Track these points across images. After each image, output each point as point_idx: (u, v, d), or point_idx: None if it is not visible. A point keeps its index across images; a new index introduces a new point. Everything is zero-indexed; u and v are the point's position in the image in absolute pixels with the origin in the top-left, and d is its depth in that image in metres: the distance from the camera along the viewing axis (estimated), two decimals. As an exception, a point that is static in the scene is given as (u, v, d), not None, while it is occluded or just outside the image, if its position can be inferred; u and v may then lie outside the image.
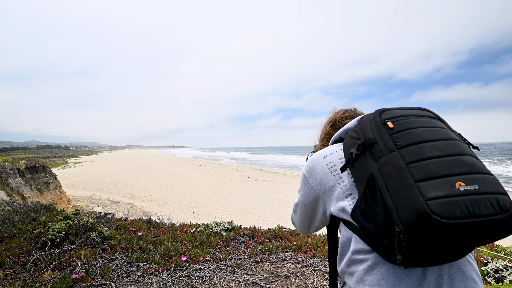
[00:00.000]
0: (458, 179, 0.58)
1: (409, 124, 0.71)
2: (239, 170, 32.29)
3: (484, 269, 2.36)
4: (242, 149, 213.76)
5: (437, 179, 0.58)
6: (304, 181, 0.93)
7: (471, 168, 0.62)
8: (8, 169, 14.10)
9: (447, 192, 0.56)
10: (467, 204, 0.55)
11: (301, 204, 0.95)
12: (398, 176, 0.62)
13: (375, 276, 0.70)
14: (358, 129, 0.80)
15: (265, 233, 3.90)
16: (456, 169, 0.60)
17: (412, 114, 0.75)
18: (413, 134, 0.68)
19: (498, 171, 27.12)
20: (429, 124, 0.72)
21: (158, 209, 13.32)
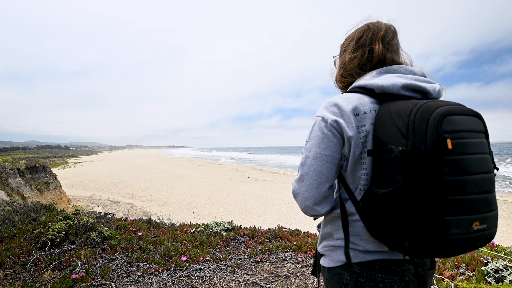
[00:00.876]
0: (477, 219, 0.67)
1: (465, 148, 0.67)
2: (239, 170, 32.30)
3: (484, 269, 2.36)
4: (242, 149, 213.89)
5: (463, 216, 0.66)
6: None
7: (490, 207, 0.70)
8: (8, 169, 14.10)
9: (464, 231, 0.66)
10: (472, 241, 0.68)
11: None
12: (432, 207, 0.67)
13: None
14: (409, 124, 0.70)
15: (265, 233, 3.90)
16: (480, 208, 0.68)
17: (469, 130, 0.69)
18: (467, 163, 0.66)
19: (499, 171, 27.13)
20: (480, 149, 0.70)
21: (158, 209, 13.32)
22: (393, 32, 0.92)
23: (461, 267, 2.55)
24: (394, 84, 0.80)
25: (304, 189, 0.86)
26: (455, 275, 2.40)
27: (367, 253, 0.84)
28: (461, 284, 2.16)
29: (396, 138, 0.72)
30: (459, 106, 0.72)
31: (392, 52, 0.90)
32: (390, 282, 0.80)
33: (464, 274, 2.42)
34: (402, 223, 0.70)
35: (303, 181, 0.86)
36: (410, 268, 0.82)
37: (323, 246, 0.95)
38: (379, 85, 0.82)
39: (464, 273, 2.43)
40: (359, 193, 0.84)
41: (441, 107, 0.69)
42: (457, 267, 2.56)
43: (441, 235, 0.65)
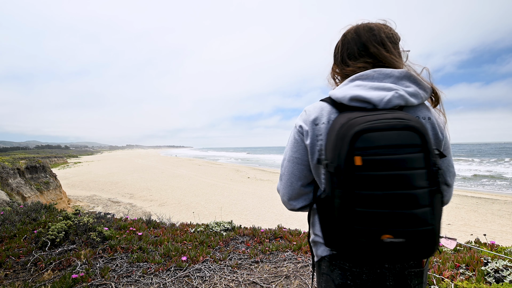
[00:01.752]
0: (389, 232, 0.70)
1: (377, 165, 0.69)
2: (239, 170, 32.30)
3: (484, 269, 2.36)
4: (242, 149, 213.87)
5: (369, 228, 0.71)
6: None
7: (404, 222, 0.70)
8: (8, 169, 14.10)
9: (372, 241, 0.72)
10: (385, 251, 0.73)
11: None
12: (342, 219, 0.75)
13: None
14: (337, 139, 0.76)
15: (265, 233, 3.90)
16: (390, 222, 0.70)
17: (388, 145, 0.69)
18: (374, 180, 0.69)
19: (498, 171, 27.14)
20: (398, 165, 0.69)
21: (158, 209, 13.33)
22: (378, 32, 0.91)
23: (461, 267, 2.55)
24: (344, 96, 0.83)
25: (282, 186, 0.98)
26: (455, 275, 2.40)
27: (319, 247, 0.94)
28: (461, 284, 2.16)
29: (330, 150, 0.79)
30: (386, 121, 0.71)
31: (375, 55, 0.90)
32: (358, 272, 0.84)
33: (464, 274, 2.42)
34: (331, 226, 0.81)
35: (281, 180, 0.98)
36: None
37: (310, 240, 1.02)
38: (335, 95, 0.86)
39: (464, 273, 2.44)
40: (320, 191, 0.93)
41: (364, 123, 0.72)
42: (457, 267, 2.56)
43: (352, 241, 0.74)
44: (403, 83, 0.84)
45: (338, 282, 0.87)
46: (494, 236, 8.05)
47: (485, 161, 40.21)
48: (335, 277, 0.87)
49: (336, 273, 0.87)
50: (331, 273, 0.89)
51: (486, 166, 32.56)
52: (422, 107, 0.87)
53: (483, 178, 23.12)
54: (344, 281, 0.85)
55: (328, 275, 0.90)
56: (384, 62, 0.89)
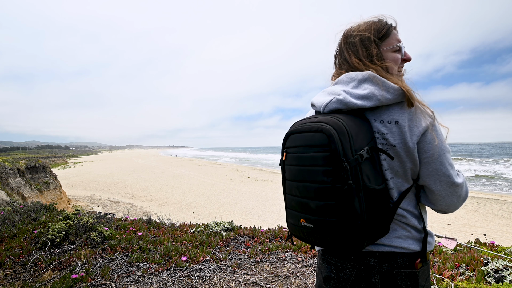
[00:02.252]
0: (302, 217, 0.85)
1: (292, 160, 0.87)
2: (239, 170, 32.30)
3: (484, 269, 2.36)
4: (242, 149, 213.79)
5: (292, 211, 0.89)
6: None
7: (310, 211, 0.83)
8: (8, 169, 14.11)
9: (295, 223, 0.88)
10: (303, 232, 0.87)
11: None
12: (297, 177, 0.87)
13: None
14: (288, 134, 0.92)
15: (265, 233, 3.90)
16: (301, 208, 0.86)
17: (301, 145, 0.84)
18: (291, 171, 0.87)
19: (497, 171, 27.13)
20: (304, 161, 0.83)
21: (158, 209, 13.32)
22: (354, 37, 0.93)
23: (461, 267, 2.55)
24: (312, 103, 0.97)
25: None
26: (455, 275, 2.40)
27: None
28: (461, 284, 2.16)
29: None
30: (306, 125, 0.84)
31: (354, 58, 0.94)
32: (342, 267, 0.90)
33: (464, 274, 2.42)
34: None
35: None
36: (370, 260, 0.87)
37: None
38: (312, 103, 0.98)
39: (464, 273, 2.43)
40: None
41: (295, 126, 0.88)
42: (457, 267, 2.56)
43: (287, 221, 0.92)
44: (362, 85, 0.86)
45: (324, 274, 0.95)
46: (494, 236, 8.04)
47: (485, 161, 40.21)
48: (323, 270, 0.96)
49: (324, 267, 0.95)
50: (321, 267, 0.98)
51: (486, 166, 32.55)
52: (392, 110, 0.85)
53: (483, 178, 23.13)
54: (329, 274, 0.93)
55: (319, 268, 0.99)
56: (353, 67, 0.93)
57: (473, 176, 24.11)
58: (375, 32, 0.92)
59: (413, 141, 0.82)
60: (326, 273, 0.94)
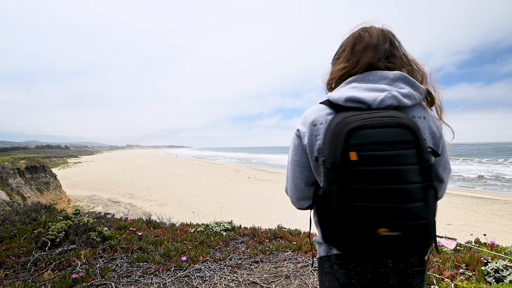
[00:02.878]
0: (384, 225, 0.73)
1: (371, 160, 0.73)
2: (239, 170, 32.30)
3: (484, 269, 2.36)
4: (242, 149, 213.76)
5: (366, 222, 0.73)
6: None
7: (402, 217, 0.73)
8: (8, 169, 14.10)
9: (368, 234, 0.74)
10: (380, 244, 0.76)
11: None
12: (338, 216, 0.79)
13: None
14: (332, 137, 0.80)
15: (265, 233, 3.90)
16: (385, 216, 0.73)
17: (380, 142, 0.73)
18: (368, 174, 0.73)
19: (497, 171, 27.12)
20: (390, 161, 0.73)
21: (158, 209, 13.32)
22: (384, 37, 0.93)
23: (461, 267, 2.55)
24: (340, 97, 0.87)
25: (289, 188, 1.02)
26: (455, 275, 2.40)
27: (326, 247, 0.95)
28: (461, 284, 2.16)
29: (326, 148, 0.82)
30: (379, 119, 0.75)
31: (379, 59, 0.92)
32: (363, 271, 0.85)
33: (464, 274, 2.42)
34: (328, 222, 0.85)
35: (287, 182, 1.02)
36: (388, 262, 0.84)
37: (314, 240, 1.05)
38: (332, 97, 0.90)
39: (464, 273, 2.43)
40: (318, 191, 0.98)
41: (358, 121, 0.76)
42: (457, 267, 2.56)
43: (349, 235, 0.76)
44: (397, 84, 0.87)
45: (342, 281, 0.87)
46: (494, 236, 8.05)
47: (485, 161, 40.20)
48: (340, 276, 0.88)
49: (341, 272, 0.88)
50: (336, 272, 0.89)
51: (486, 166, 32.55)
52: (418, 107, 0.90)
53: (483, 178, 23.12)
54: (349, 280, 0.86)
55: (332, 274, 0.90)
56: (400, 64, 0.96)
57: (473, 176, 24.09)
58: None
59: (440, 135, 0.89)
60: (345, 280, 0.87)
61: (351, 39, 0.96)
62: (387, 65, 0.92)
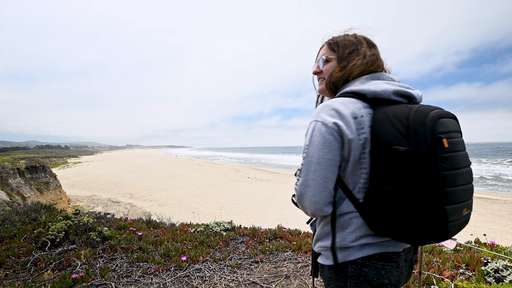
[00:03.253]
0: (465, 206, 0.82)
1: (456, 146, 0.81)
2: (239, 170, 32.30)
3: (484, 269, 2.36)
4: (242, 149, 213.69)
5: (457, 204, 0.79)
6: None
7: (472, 194, 0.86)
8: (8, 169, 14.10)
9: (458, 217, 0.80)
10: (462, 225, 0.83)
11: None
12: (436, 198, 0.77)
13: None
14: (408, 126, 0.79)
15: (265, 233, 3.90)
16: (466, 196, 0.82)
17: (455, 130, 0.83)
18: (456, 159, 0.80)
19: (497, 171, 27.11)
20: (463, 146, 0.85)
21: (158, 209, 13.32)
22: (372, 43, 1.03)
23: (461, 267, 2.55)
24: (385, 90, 0.88)
25: (311, 193, 0.88)
26: (455, 275, 2.40)
27: (365, 247, 0.90)
28: (461, 284, 2.16)
29: (397, 139, 0.80)
30: (444, 110, 0.84)
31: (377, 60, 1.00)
32: (389, 268, 0.89)
33: (464, 274, 2.42)
34: (408, 215, 0.79)
35: (309, 186, 0.88)
36: (402, 255, 0.93)
37: (320, 246, 0.98)
38: (371, 90, 0.88)
39: (464, 273, 2.44)
40: (358, 191, 0.89)
41: (433, 111, 0.80)
42: (457, 267, 2.56)
43: (442, 222, 0.77)
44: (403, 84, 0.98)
45: (376, 282, 0.88)
46: (494, 236, 8.05)
47: (485, 161, 40.20)
48: (372, 278, 0.88)
49: (372, 274, 0.88)
50: (366, 275, 0.88)
51: (486, 166, 32.55)
52: None
53: (483, 178, 23.13)
54: (382, 280, 0.88)
55: (361, 277, 0.89)
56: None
57: (475, 177, 24.10)
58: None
59: None
60: (378, 280, 0.88)
61: (363, 39, 1.02)
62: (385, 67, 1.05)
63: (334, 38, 1.05)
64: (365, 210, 0.87)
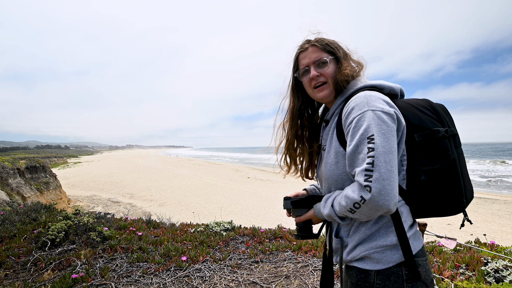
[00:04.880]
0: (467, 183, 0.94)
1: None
2: (239, 170, 32.29)
3: (484, 269, 2.36)
4: (242, 149, 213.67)
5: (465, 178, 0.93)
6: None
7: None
8: (8, 169, 14.10)
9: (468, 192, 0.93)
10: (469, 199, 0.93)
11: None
12: (465, 167, 0.93)
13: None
14: (437, 112, 0.93)
15: (265, 233, 3.90)
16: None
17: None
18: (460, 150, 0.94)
19: (498, 171, 27.10)
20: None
21: (158, 209, 13.32)
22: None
23: (461, 267, 2.55)
24: (396, 87, 1.02)
25: (390, 187, 0.78)
26: (455, 275, 2.40)
27: (417, 238, 0.93)
28: (461, 284, 2.16)
29: (432, 122, 0.90)
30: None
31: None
32: (426, 262, 0.91)
33: (464, 274, 2.42)
34: (454, 188, 0.87)
35: (387, 179, 0.78)
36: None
37: (368, 249, 0.89)
38: (389, 86, 1.01)
39: (464, 273, 2.43)
40: (403, 177, 0.90)
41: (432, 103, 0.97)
42: (457, 267, 2.56)
43: (460, 195, 0.88)
44: None
45: (425, 278, 0.88)
46: (494, 236, 8.05)
47: (485, 161, 40.19)
48: (424, 275, 0.88)
49: (422, 272, 0.88)
50: (425, 265, 0.91)
51: (486, 166, 32.55)
52: None
53: (483, 178, 23.12)
54: (429, 275, 0.90)
55: (422, 267, 0.89)
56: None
57: (476, 177, 24.09)
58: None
59: None
60: (427, 276, 0.89)
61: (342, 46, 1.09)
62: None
63: (321, 40, 1.05)
64: (410, 195, 0.90)
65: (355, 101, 0.89)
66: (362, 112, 0.85)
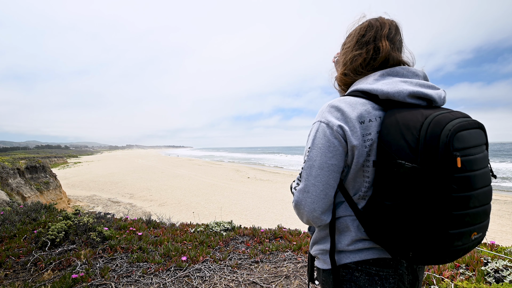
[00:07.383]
0: (476, 229, 0.71)
1: (472, 165, 0.68)
2: (239, 170, 32.30)
3: (484, 269, 2.36)
4: (242, 149, 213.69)
5: (465, 228, 0.69)
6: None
7: (487, 216, 0.74)
8: (8, 169, 14.10)
9: (465, 242, 0.70)
10: (469, 248, 0.73)
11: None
12: (438, 224, 0.68)
13: None
14: (419, 139, 0.69)
15: (265, 233, 3.90)
16: (479, 219, 0.71)
17: (476, 145, 0.70)
18: (472, 179, 0.68)
19: (500, 171, 27.13)
20: (484, 163, 0.72)
21: (158, 209, 13.32)
22: (396, 28, 0.88)
23: (461, 267, 2.55)
24: (400, 92, 0.77)
25: (310, 200, 0.82)
26: (455, 275, 2.40)
27: (360, 252, 0.85)
28: (461, 284, 2.16)
29: (405, 152, 0.70)
30: (467, 119, 0.71)
31: (396, 51, 0.87)
32: (385, 275, 0.83)
33: (464, 274, 2.42)
34: (406, 234, 0.72)
35: (308, 192, 0.82)
36: (403, 262, 0.85)
37: (316, 249, 0.95)
38: (384, 91, 0.79)
39: (464, 273, 2.44)
40: (359, 198, 0.84)
41: (452, 121, 0.68)
42: (457, 267, 2.56)
43: (445, 247, 0.69)
44: (431, 84, 0.84)
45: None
46: (494, 236, 8.05)
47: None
48: (363, 283, 0.83)
49: (363, 279, 0.83)
50: (357, 280, 0.84)
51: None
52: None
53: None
54: (374, 285, 0.83)
55: (353, 282, 0.85)
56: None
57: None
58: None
59: None
60: (369, 286, 0.83)
61: (361, 28, 0.90)
62: (403, 59, 0.89)
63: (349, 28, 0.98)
64: (363, 217, 0.83)
65: (320, 108, 0.89)
66: (314, 122, 0.85)
